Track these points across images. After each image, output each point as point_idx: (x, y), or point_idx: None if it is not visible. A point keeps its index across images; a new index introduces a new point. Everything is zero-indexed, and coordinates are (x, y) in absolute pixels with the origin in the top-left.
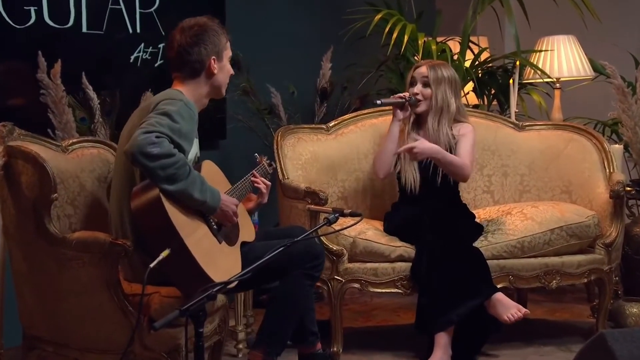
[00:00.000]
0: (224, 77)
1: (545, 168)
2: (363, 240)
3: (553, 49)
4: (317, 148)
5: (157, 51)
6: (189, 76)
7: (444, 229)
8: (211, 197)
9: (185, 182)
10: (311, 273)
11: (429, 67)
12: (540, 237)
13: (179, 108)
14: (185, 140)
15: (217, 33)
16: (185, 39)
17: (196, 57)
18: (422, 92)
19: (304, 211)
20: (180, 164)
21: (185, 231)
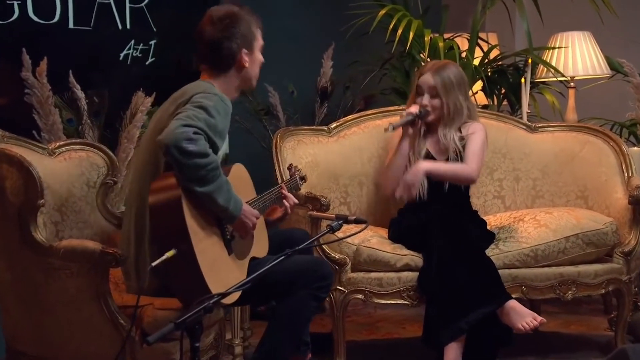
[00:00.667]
0: (254, 69)
1: (560, 172)
2: (367, 248)
3: (567, 46)
4: (318, 151)
5: (148, 48)
6: (220, 70)
7: (454, 235)
8: (234, 205)
9: (214, 186)
10: (318, 294)
11: (434, 74)
12: (554, 245)
13: (215, 103)
14: (220, 137)
15: (248, 23)
16: (215, 32)
17: (227, 52)
18: (431, 104)
19: (304, 218)
20: (213, 166)
21: (198, 237)
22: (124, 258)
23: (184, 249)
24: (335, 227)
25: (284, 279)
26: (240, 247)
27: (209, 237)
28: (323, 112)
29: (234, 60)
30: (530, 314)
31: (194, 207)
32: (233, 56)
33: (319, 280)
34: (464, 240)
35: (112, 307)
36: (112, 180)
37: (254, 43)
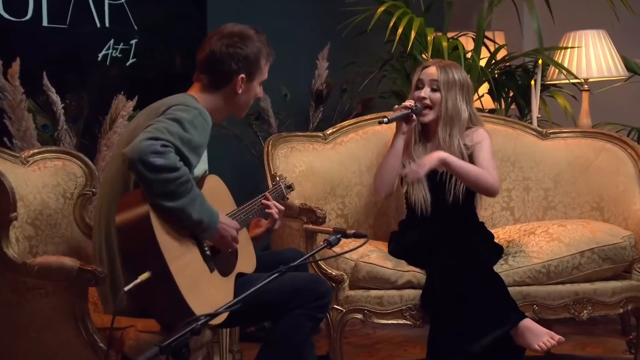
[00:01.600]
0: (246, 100)
1: (573, 181)
2: (366, 264)
3: (580, 46)
4: (313, 159)
5: (128, 48)
6: (211, 86)
7: (459, 249)
8: (209, 217)
9: (185, 200)
10: (314, 314)
11: (439, 67)
12: (568, 260)
13: (192, 117)
14: (195, 153)
15: (258, 51)
16: (220, 45)
17: (224, 69)
18: (430, 97)
19: (299, 231)
20: (184, 180)
21: (171, 254)
22: (103, 275)
23: (159, 270)
24: (333, 242)
25: (277, 297)
26: (223, 264)
27: (186, 255)
28: (318, 116)
29: (229, 81)
30: (547, 332)
31: (165, 223)
32: (229, 76)
33: (316, 299)
34: (471, 255)
35: (90, 330)
36: (91, 191)
37: (257, 73)
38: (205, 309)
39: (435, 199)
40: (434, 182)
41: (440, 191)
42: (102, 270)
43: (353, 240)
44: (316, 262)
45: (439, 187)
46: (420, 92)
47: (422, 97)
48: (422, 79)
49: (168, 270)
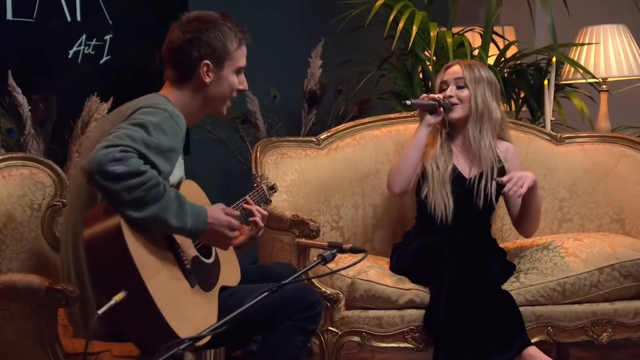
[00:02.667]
0: (220, 91)
1: (591, 191)
2: (364, 282)
3: (598, 42)
4: (306, 166)
5: (102, 44)
6: (178, 80)
7: (468, 266)
8: (194, 217)
9: (158, 206)
10: (305, 326)
11: (463, 65)
12: (586, 278)
13: (160, 120)
14: (164, 158)
15: (222, 35)
16: (179, 34)
17: (185, 59)
18: (457, 95)
19: (290, 246)
20: (152, 184)
21: (149, 271)
22: (75, 295)
23: (135, 289)
24: (327, 257)
25: (263, 312)
26: (205, 277)
27: (164, 271)
28: (311, 120)
29: (193, 71)
30: None
31: (139, 236)
32: (192, 66)
33: (306, 309)
34: (480, 272)
35: (61, 356)
36: (61, 202)
37: (226, 58)
38: (187, 329)
39: (458, 209)
40: (460, 188)
41: (465, 199)
42: (73, 289)
43: (350, 255)
44: (309, 280)
45: (463, 195)
46: (446, 92)
47: (449, 95)
48: (446, 79)
49: (145, 289)
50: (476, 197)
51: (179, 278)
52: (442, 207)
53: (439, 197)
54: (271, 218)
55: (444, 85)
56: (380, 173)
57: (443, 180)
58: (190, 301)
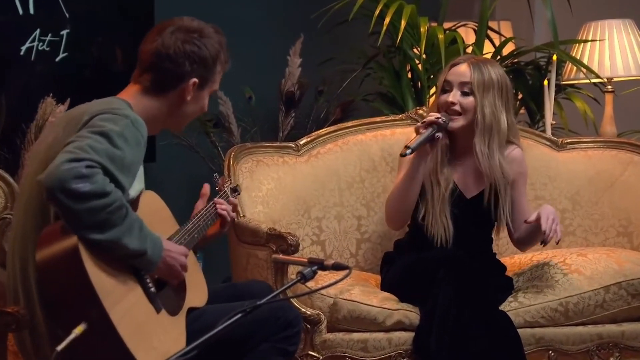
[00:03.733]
0: (193, 111)
1: (595, 201)
2: (347, 302)
3: (603, 38)
4: (284, 175)
5: (58, 40)
6: (154, 88)
7: (463, 287)
8: (152, 246)
9: (120, 229)
10: (284, 347)
11: (471, 65)
12: (590, 297)
13: (123, 128)
14: (127, 173)
15: (217, 54)
16: (174, 40)
17: (176, 69)
18: (461, 103)
19: (266, 262)
20: (116, 206)
21: (111, 299)
22: (27, 319)
23: (96, 320)
24: (307, 275)
25: (237, 333)
26: (170, 299)
27: (127, 297)
28: (289, 123)
29: (178, 84)
30: None
31: (98, 260)
32: (180, 78)
33: (284, 329)
34: (476, 293)
35: None
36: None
37: (210, 80)
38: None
39: (458, 230)
40: (460, 211)
41: (466, 222)
42: (25, 312)
43: (332, 272)
44: (287, 300)
45: (465, 217)
46: (448, 96)
47: (451, 102)
48: (450, 80)
49: (108, 320)
50: (476, 218)
51: (144, 303)
52: (442, 232)
53: (439, 222)
54: (245, 231)
55: (447, 85)
56: (366, 182)
57: (443, 201)
58: (157, 328)
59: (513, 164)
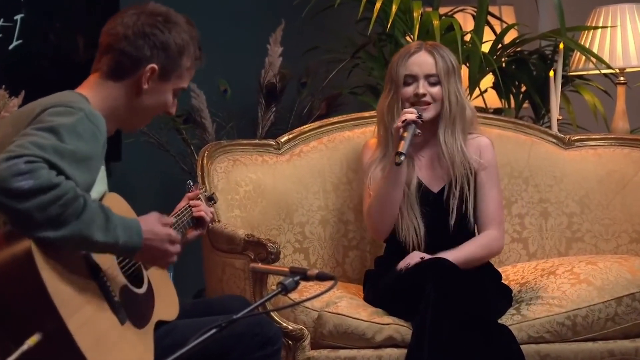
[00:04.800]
0: (151, 105)
1: (606, 204)
2: (333, 315)
3: (615, 25)
4: (263, 175)
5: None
6: (111, 73)
7: (457, 297)
8: (126, 231)
9: (79, 223)
10: None
11: (433, 53)
12: (600, 309)
13: (74, 122)
14: (82, 167)
15: (183, 43)
16: (135, 20)
17: (132, 52)
18: (431, 93)
19: (243, 272)
20: (69, 197)
21: (69, 307)
22: None
23: (52, 330)
24: (289, 286)
25: (211, 350)
26: (137, 311)
27: (87, 305)
28: (269, 119)
29: (135, 69)
30: None
31: (55, 264)
32: (137, 63)
33: (262, 346)
34: (471, 303)
35: None
36: None
37: (174, 72)
38: None
39: (430, 230)
40: (430, 207)
41: (437, 219)
42: None
43: (316, 283)
44: (267, 313)
45: (435, 214)
46: (416, 88)
47: (422, 93)
48: (414, 73)
49: (66, 329)
50: (448, 214)
51: (106, 313)
52: (413, 233)
53: (407, 221)
54: (221, 238)
55: (410, 79)
56: (353, 183)
57: (410, 199)
58: (120, 341)
59: (479, 151)
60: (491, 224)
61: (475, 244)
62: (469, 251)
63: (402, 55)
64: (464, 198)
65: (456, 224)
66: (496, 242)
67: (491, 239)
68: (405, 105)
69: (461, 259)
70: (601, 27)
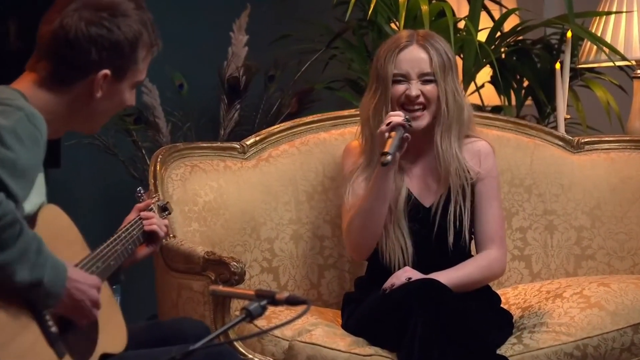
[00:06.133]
0: (108, 108)
1: (620, 216)
2: (307, 345)
3: (631, 10)
4: (226, 183)
5: None
6: (53, 80)
7: (449, 325)
8: (53, 274)
9: (11, 252)
10: None
11: (426, 47)
12: (615, 338)
13: (15, 124)
14: (22, 180)
15: (136, 37)
16: (77, 20)
17: (78, 59)
18: (425, 94)
19: (203, 295)
20: (6, 222)
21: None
22: None
23: None
24: (255, 312)
25: None
26: (78, 343)
27: (20, 337)
28: (233, 118)
29: (84, 76)
30: None
31: None
32: (85, 70)
33: None
34: (465, 332)
35: None
36: None
37: (129, 70)
38: None
39: (419, 250)
40: (420, 224)
41: (426, 237)
42: None
43: (287, 308)
44: (230, 343)
45: (425, 232)
46: (408, 89)
47: (414, 95)
48: (405, 71)
49: None
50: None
51: (42, 346)
52: (400, 254)
53: (393, 240)
54: (176, 256)
55: (400, 77)
56: (329, 192)
57: (397, 214)
58: None
59: (477, 159)
60: (491, 243)
61: (473, 265)
62: (465, 273)
63: (391, 49)
64: (459, 213)
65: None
66: (497, 263)
67: (491, 260)
68: (395, 108)
69: (455, 282)
70: (615, 12)
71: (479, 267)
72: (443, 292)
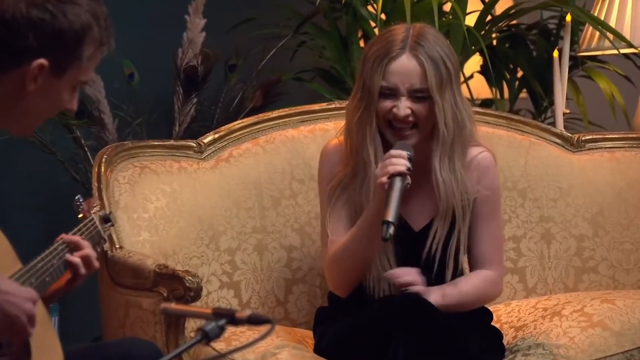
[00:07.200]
0: (41, 107)
1: (626, 224)
2: None
3: None
4: (180, 187)
5: None
6: None
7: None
8: None
9: None
10: None
11: (419, 56)
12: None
13: None
14: None
15: (84, 27)
16: (22, 1)
17: (14, 42)
18: (415, 112)
19: (153, 314)
20: None
21: None
22: None
23: None
24: (212, 333)
25: None
26: None
27: None
28: (189, 113)
29: (17, 63)
30: None
31: None
32: (19, 55)
33: None
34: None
35: None
36: None
37: (72, 66)
38: None
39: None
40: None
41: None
42: None
43: (249, 328)
44: None
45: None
46: (396, 106)
47: (403, 115)
48: (394, 85)
49: None
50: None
51: None
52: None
53: (379, 268)
54: (123, 270)
55: (388, 91)
56: (298, 197)
57: None
58: None
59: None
60: (488, 265)
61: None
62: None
63: (380, 56)
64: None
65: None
66: (492, 287)
67: (487, 281)
68: (380, 124)
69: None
70: None
71: (473, 287)
72: (428, 311)
